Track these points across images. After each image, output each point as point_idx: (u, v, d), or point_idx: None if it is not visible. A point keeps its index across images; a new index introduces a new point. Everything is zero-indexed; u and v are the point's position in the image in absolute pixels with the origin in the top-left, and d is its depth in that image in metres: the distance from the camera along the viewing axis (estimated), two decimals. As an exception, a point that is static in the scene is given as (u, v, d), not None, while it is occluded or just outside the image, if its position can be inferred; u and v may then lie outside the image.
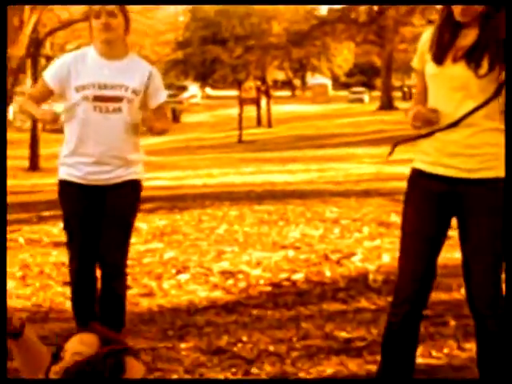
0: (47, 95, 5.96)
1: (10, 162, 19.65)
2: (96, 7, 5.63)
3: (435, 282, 4.70)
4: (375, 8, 46.49)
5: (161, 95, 5.92)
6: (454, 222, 4.62)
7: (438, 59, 4.43)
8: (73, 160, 5.76)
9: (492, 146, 4.34)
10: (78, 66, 5.76)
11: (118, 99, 5.67)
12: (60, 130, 6.05)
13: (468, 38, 4.35)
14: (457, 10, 4.32)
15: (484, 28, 4.32)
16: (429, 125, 4.42)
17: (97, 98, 5.65)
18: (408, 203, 4.67)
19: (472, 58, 4.31)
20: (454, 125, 4.35)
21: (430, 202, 4.50)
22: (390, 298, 6.79)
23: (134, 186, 5.87)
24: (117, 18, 5.62)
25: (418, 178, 4.60)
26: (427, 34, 4.59)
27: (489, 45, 4.30)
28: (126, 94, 5.68)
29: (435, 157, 4.46)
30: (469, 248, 4.51)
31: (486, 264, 4.44)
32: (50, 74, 5.84)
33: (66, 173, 5.81)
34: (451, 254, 5.92)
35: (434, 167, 4.46)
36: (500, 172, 4.26)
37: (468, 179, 4.37)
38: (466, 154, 4.37)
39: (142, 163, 6.01)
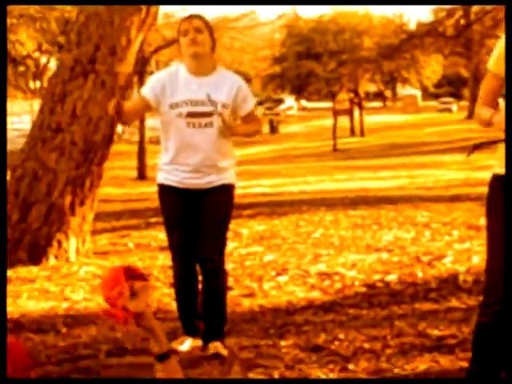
0: (143, 110, 6.16)
1: (119, 172, 19.99)
2: (184, 25, 5.74)
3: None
4: (462, 22, 46.10)
5: (249, 104, 5.99)
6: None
7: None
8: (170, 167, 5.90)
9: None
10: (171, 83, 5.87)
11: (209, 114, 5.75)
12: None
13: None
14: None
15: None
16: None
17: (190, 115, 5.75)
18: (489, 207, 4.64)
19: None
20: None
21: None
22: (480, 298, 6.74)
23: (227, 189, 5.94)
24: (203, 33, 5.71)
25: (496, 182, 4.56)
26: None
27: None
28: (216, 109, 5.74)
29: None
30: None
31: None
32: (146, 91, 5.94)
33: (163, 177, 5.96)
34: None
35: None
36: None
37: None
38: None
39: (233, 169, 6.07)
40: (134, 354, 6.08)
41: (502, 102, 4.53)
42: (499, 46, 4.56)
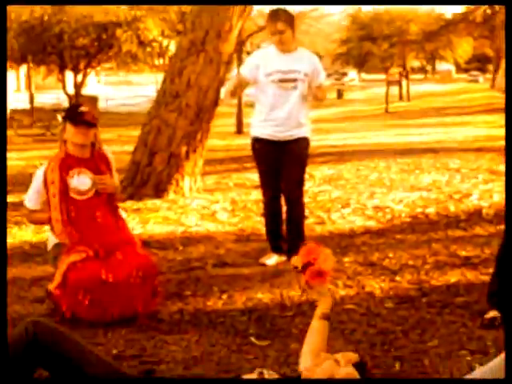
0: (244, 85, 6.12)
1: (221, 128, 20.01)
2: (271, 27, 5.86)
3: None
4: (488, 11, 45.10)
5: (322, 76, 6.04)
6: None
7: None
8: (264, 123, 5.94)
9: None
10: (264, 59, 5.97)
11: (295, 80, 5.84)
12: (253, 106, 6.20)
13: None
14: None
15: None
16: None
17: (280, 81, 5.82)
18: None
19: None
20: None
21: None
22: (498, 227, 6.69)
23: (305, 141, 6.01)
24: (285, 33, 5.84)
25: None
26: None
27: None
28: (300, 76, 5.85)
29: None
30: None
31: None
32: (247, 68, 6.03)
33: (258, 132, 6.02)
34: None
35: None
36: None
37: None
38: None
39: (310, 125, 6.11)
40: (233, 266, 6.13)
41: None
42: None
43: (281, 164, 5.94)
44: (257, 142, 6.04)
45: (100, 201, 4.84)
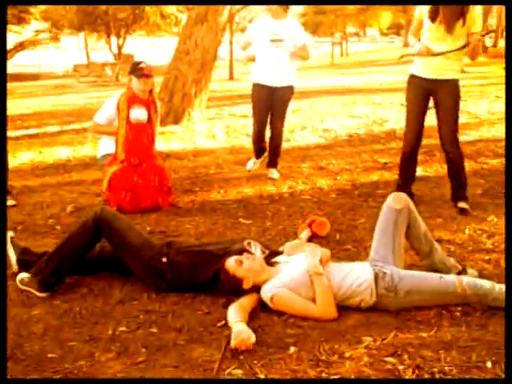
0: (249, 44, 5.85)
1: (218, 76, 19.66)
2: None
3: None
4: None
5: (302, 38, 5.64)
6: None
7: (432, 18, 4.29)
8: (260, 73, 5.66)
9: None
10: (261, 25, 5.65)
11: (282, 40, 5.51)
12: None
13: (448, 9, 4.18)
14: None
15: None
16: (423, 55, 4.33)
17: (272, 40, 5.52)
18: (408, 92, 4.58)
19: (448, 23, 4.18)
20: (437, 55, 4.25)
21: None
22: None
23: (290, 88, 5.69)
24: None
25: (411, 78, 4.52)
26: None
27: (459, 17, 4.14)
28: (286, 37, 5.51)
29: None
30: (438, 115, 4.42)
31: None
32: (250, 32, 5.77)
33: (256, 78, 5.71)
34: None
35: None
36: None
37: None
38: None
39: (295, 76, 5.78)
40: (228, 171, 6.11)
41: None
42: (419, 6, 4.46)
43: (270, 103, 5.67)
44: (255, 86, 5.74)
45: (147, 127, 4.86)
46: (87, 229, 3.25)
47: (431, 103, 4.49)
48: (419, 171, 5.26)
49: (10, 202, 4.97)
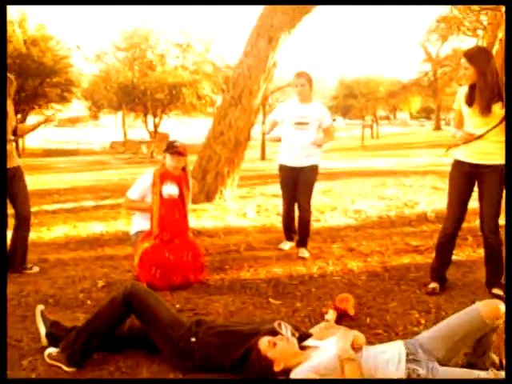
0: (275, 125, 6.03)
1: (250, 155, 19.99)
2: (295, 81, 5.74)
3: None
4: (432, 78, 44.90)
5: (328, 122, 5.85)
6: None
7: (469, 104, 4.30)
8: (285, 154, 5.83)
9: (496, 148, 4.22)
10: (288, 108, 5.86)
11: (307, 123, 5.71)
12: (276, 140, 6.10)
13: (478, 94, 4.23)
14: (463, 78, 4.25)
15: (480, 89, 4.18)
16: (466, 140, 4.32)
17: (297, 123, 5.72)
18: (450, 178, 4.53)
19: (481, 106, 4.19)
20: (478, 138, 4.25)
21: None
22: (437, 226, 6.58)
23: (315, 167, 5.84)
24: (305, 86, 5.69)
25: (455, 163, 4.46)
26: (462, 90, 4.42)
27: (486, 99, 4.17)
28: (311, 120, 5.71)
29: None
30: (481, 200, 4.37)
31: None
32: (276, 114, 5.99)
33: (282, 160, 5.89)
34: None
35: None
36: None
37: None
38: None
39: (319, 156, 5.92)
40: (258, 250, 6.10)
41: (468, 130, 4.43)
42: (457, 96, 4.50)
43: (296, 183, 5.81)
44: (281, 167, 5.94)
45: (179, 203, 4.95)
46: (117, 304, 3.25)
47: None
48: (455, 255, 5.16)
49: (34, 269, 5.19)
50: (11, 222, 5.22)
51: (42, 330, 3.45)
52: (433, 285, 4.52)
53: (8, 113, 5.00)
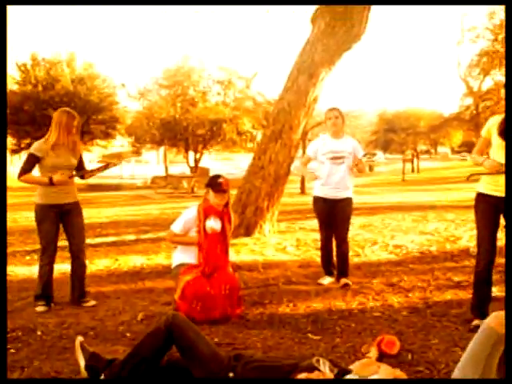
0: (309, 160, 6.17)
1: (290, 190, 20.09)
2: (329, 114, 5.84)
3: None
4: (474, 112, 44.47)
5: (361, 153, 6.01)
6: None
7: (502, 135, 4.25)
8: (322, 187, 5.92)
9: None
10: (322, 143, 5.97)
11: (342, 157, 5.85)
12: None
13: None
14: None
15: None
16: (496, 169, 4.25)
17: (332, 158, 5.84)
18: (476, 211, 4.52)
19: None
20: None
21: None
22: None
23: (350, 200, 5.95)
24: (338, 119, 5.82)
25: (478, 197, 4.46)
26: (495, 118, 4.41)
27: None
28: (346, 154, 5.86)
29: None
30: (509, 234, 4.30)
31: None
32: (310, 150, 6.07)
33: (318, 192, 5.99)
34: None
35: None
36: None
37: None
38: None
39: (352, 189, 6.03)
40: (297, 284, 6.06)
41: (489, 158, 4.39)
42: (489, 124, 4.45)
43: (333, 215, 5.90)
44: (317, 199, 6.01)
45: (221, 237, 4.99)
46: (160, 334, 3.26)
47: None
48: (495, 291, 5.04)
49: (91, 302, 5.30)
50: (64, 254, 5.32)
51: (82, 362, 3.46)
52: (476, 322, 4.40)
53: (77, 146, 5.27)
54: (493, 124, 4.39)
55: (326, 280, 6.05)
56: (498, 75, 34.44)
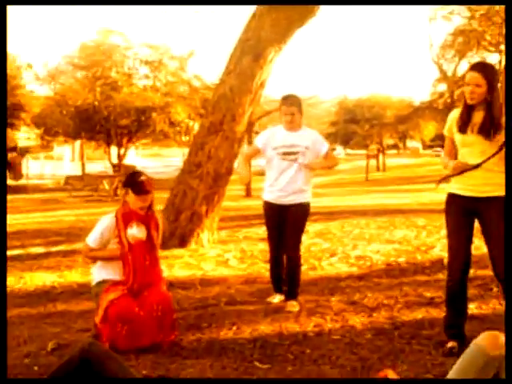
0: (256, 153, 6.13)
1: (233, 192, 20.16)
2: (284, 109, 5.80)
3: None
4: (448, 100, 45.55)
5: (324, 147, 5.94)
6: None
7: (462, 131, 4.37)
8: (270, 189, 5.91)
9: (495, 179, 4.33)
10: (273, 135, 5.93)
11: (296, 153, 5.79)
12: (262, 174, 6.17)
13: (477, 116, 4.34)
14: (467, 96, 4.33)
15: (487, 110, 4.28)
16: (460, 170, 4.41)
17: (284, 153, 5.80)
18: (447, 213, 4.63)
19: (482, 131, 4.29)
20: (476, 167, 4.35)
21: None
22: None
23: (305, 206, 5.90)
24: (295, 115, 5.83)
25: (450, 197, 4.58)
26: (453, 114, 4.57)
27: (493, 122, 4.26)
28: (301, 149, 5.79)
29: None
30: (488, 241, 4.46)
31: None
32: (259, 141, 6.01)
33: (267, 196, 5.97)
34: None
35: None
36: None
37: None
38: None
39: (310, 191, 5.99)
40: (241, 304, 6.08)
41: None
42: (450, 119, 4.58)
43: (283, 224, 5.87)
44: (265, 204, 6.00)
45: (148, 247, 4.94)
46: (74, 366, 3.20)
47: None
48: (473, 308, 5.18)
49: None
50: None
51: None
52: (451, 344, 4.50)
53: None
54: (451, 120, 4.53)
55: (276, 298, 6.07)
56: (475, 57, 35.35)
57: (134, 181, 4.93)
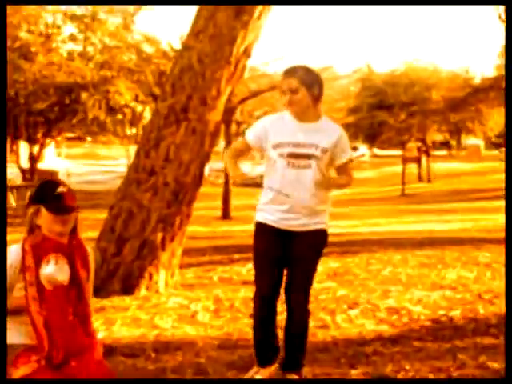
0: (246, 151, 6.06)
1: (204, 212, 20.15)
2: (282, 84, 5.64)
3: None
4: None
5: (345, 155, 5.79)
6: None
7: None
8: (269, 207, 5.75)
9: None
10: (275, 126, 5.75)
11: (309, 157, 5.61)
12: (248, 185, 6.15)
13: None
14: None
15: None
16: None
17: (290, 155, 5.61)
18: None
19: None
20: None
21: None
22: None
23: (320, 234, 5.78)
24: (298, 93, 5.56)
25: None
26: None
27: None
28: (316, 152, 5.61)
29: None
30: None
31: None
32: (251, 134, 5.87)
33: (262, 217, 5.78)
34: None
35: None
36: None
37: None
38: None
39: (328, 213, 5.90)
40: (217, 380, 6.09)
41: None
42: None
43: (286, 260, 5.74)
44: (259, 228, 5.82)
45: (72, 293, 4.81)
46: None
47: None
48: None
49: None
50: None
51: None
52: None
53: None
54: None
55: (261, 373, 5.95)
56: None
57: (48, 194, 4.78)
